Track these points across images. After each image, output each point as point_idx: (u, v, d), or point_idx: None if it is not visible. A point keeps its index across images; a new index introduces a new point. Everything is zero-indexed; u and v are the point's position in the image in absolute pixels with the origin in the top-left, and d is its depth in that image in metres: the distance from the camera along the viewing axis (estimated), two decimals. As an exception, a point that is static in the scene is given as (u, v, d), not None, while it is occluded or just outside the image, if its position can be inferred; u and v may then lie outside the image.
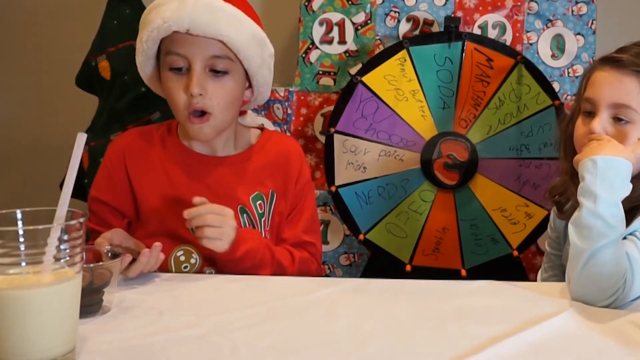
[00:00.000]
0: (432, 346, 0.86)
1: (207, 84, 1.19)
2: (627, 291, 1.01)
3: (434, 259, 1.84)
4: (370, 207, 1.83)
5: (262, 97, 1.34)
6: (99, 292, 0.95)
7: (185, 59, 1.19)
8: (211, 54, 1.18)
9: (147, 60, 1.25)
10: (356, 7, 1.92)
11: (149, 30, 1.19)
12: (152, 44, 1.21)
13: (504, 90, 1.81)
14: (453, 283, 1.13)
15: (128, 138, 1.33)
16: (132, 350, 0.83)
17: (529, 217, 1.80)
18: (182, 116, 1.22)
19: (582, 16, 1.89)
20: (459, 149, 1.82)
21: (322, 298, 1.05)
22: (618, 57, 1.18)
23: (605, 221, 1.02)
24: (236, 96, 1.25)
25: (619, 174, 1.06)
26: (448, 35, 1.81)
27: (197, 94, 1.18)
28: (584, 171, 1.07)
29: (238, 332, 0.89)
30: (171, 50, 1.20)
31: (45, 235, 0.75)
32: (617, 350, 0.85)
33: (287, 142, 1.38)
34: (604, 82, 1.18)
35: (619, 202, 1.05)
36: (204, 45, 1.18)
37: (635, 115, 1.15)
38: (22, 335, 0.74)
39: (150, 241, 1.18)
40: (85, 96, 2.21)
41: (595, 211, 1.03)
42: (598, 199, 1.03)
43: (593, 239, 1.02)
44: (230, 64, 1.21)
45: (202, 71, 1.19)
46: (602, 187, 1.04)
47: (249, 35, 1.20)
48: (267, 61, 1.27)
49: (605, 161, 1.06)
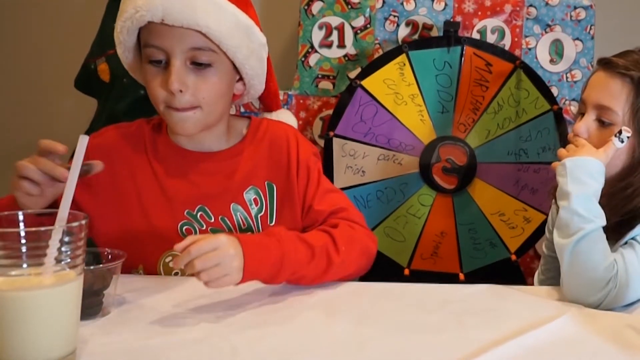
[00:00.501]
0: (431, 350, 0.86)
1: (188, 79, 1.10)
2: (620, 290, 1.04)
3: (433, 263, 1.84)
4: (368, 210, 1.83)
5: (255, 90, 1.25)
6: (99, 294, 0.95)
7: (164, 51, 1.09)
8: (190, 46, 1.09)
9: (127, 52, 1.16)
10: (356, 11, 1.92)
11: (122, 21, 1.10)
12: (128, 35, 1.12)
13: (502, 95, 1.81)
14: (452, 287, 1.13)
15: (108, 136, 1.23)
16: (132, 353, 0.83)
17: (527, 222, 1.80)
18: (161, 109, 1.13)
19: (580, 21, 1.90)
20: (457, 153, 1.83)
21: (321, 301, 1.05)
22: (611, 60, 1.20)
23: (580, 215, 1.07)
24: (223, 90, 1.16)
25: (585, 171, 1.11)
26: (447, 40, 1.82)
27: (177, 90, 1.09)
28: (557, 176, 1.14)
29: (238, 335, 0.89)
30: (148, 43, 1.11)
31: (46, 237, 0.75)
32: (615, 354, 0.85)
33: (277, 128, 1.28)
34: (594, 84, 1.22)
35: (592, 197, 1.09)
36: (182, 36, 1.08)
37: (616, 118, 1.17)
38: (23, 337, 0.74)
39: (137, 243, 1.15)
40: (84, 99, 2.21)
41: (569, 208, 1.08)
42: (570, 195, 1.09)
43: (571, 233, 1.07)
44: (213, 55, 1.12)
45: (182, 65, 1.10)
46: (572, 185, 1.10)
47: (231, 24, 1.11)
48: (257, 51, 1.18)
49: (572, 162, 1.12)
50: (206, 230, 1.19)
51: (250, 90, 1.25)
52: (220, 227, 1.20)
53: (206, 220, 1.20)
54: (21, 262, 0.75)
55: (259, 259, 1.02)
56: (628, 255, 1.08)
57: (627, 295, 1.05)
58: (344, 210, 1.21)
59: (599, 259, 1.06)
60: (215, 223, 1.20)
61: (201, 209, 1.20)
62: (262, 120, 1.30)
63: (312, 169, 1.24)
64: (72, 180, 0.84)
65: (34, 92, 2.52)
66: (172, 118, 1.13)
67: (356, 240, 1.17)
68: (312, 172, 1.24)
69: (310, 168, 1.24)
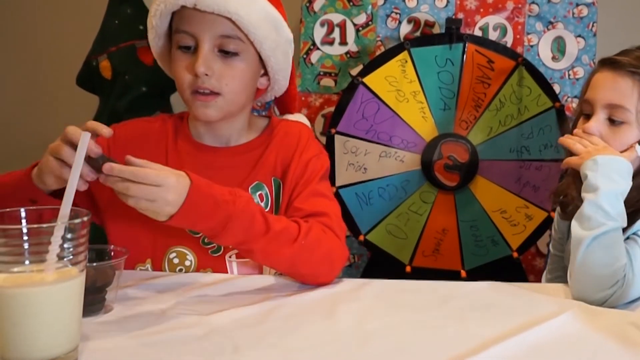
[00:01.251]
0: (433, 347, 0.86)
1: (215, 64, 1.13)
2: (626, 288, 1.04)
3: (434, 260, 1.84)
4: (370, 208, 1.83)
5: (279, 86, 1.26)
6: (101, 291, 0.95)
7: (194, 37, 1.13)
8: (220, 33, 1.13)
9: (158, 38, 1.20)
10: (357, 8, 1.92)
11: (157, 4, 1.15)
12: (161, 20, 1.16)
13: (504, 92, 1.81)
14: (453, 284, 1.13)
15: (132, 126, 1.26)
16: (134, 350, 0.83)
17: (529, 219, 1.80)
18: (186, 94, 1.16)
19: (582, 18, 1.90)
20: (459, 151, 1.83)
21: (322, 298, 1.05)
22: (616, 59, 1.20)
23: (605, 211, 1.07)
24: (247, 80, 1.18)
25: (618, 170, 1.11)
26: (449, 37, 1.81)
27: (203, 74, 1.12)
28: (586, 170, 1.12)
29: (240, 332, 0.89)
30: (179, 28, 1.15)
31: (48, 233, 0.75)
32: (617, 351, 0.85)
33: (292, 126, 1.29)
34: (601, 84, 1.21)
35: (620, 196, 1.09)
36: (213, 23, 1.12)
37: (629, 116, 1.17)
38: (25, 334, 0.74)
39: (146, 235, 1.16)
40: (86, 96, 2.21)
41: (595, 202, 1.08)
42: (599, 190, 1.08)
43: (592, 227, 1.07)
44: (240, 45, 1.15)
45: (210, 51, 1.13)
46: (602, 180, 1.09)
47: (260, 15, 1.14)
48: (283, 46, 1.20)
49: (605, 159, 1.12)
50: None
51: (274, 86, 1.26)
52: None
53: None
54: (23, 258, 0.75)
55: (196, 213, 0.99)
56: (633, 252, 1.07)
57: (631, 293, 1.05)
58: (325, 215, 1.15)
59: (614, 259, 1.05)
60: None
61: None
62: (281, 120, 1.31)
63: (310, 169, 1.21)
64: (74, 176, 0.84)
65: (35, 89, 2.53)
66: (195, 104, 1.15)
67: (322, 244, 1.10)
68: (308, 171, 1.21)
69: (308, 167, 1.21)
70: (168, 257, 1.18)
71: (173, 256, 1.18)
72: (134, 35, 2.12)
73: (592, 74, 1.26)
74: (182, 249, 1.18)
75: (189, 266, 1.18)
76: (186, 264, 1.18)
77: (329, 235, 1.12)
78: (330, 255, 1.12)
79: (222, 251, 1.19)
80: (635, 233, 1.11)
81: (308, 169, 1.21)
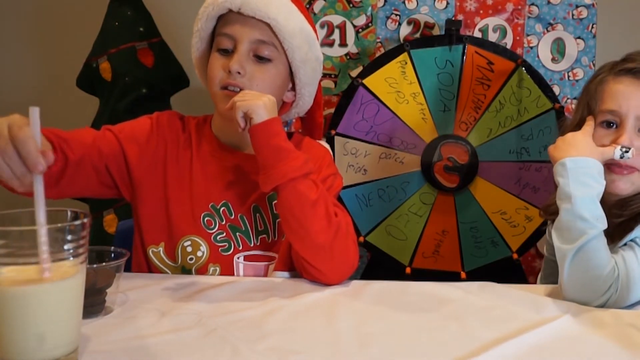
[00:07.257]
0: (433, 348, 0.86)
1: (248, 65, 1.20)
2: (621, 293, 1.03)
3: (434, 262, 1.84)
4: (370, 209, 1.84)
5: (304, 102, 1.32)
6: (101, 292, 0.95)
7: (233, 40, 1.20)
8: (257, 37, 1.20)
9: (200, 41, 1.27)
10: (357, 10, 1.92)
11: (204, 7, 1.22)
12: (206, 23, 1.24)
13: (504, 94, 1.81)
14: (453, 285, 1.13)
15: (168, 117, 1.30)
16: (134, 351, 0.83)
17: (529, 220, 1.80)
18: (215, 89, 1.21)
19: (582, 20, 1.90)
20: (459, 152, 1.83)
21: (322, 299, 1.05)
22: (634, 67, 1.16)
23: (583, 219, 1.05)
24: (277, 87, 1.24)
25: (589, 174, 1.08)
26: (449, 39, 1.82)
27: (235, 71, 1.18)
28: (557, 176, 1.11)
29: (239, 333, 0.89)
30: (221, 32, 1.22)
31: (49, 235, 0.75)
32: (617, 352, 0.85)
33: (316, 146, 1.34)
34: (629, 94, 1.15)
35: (595, 199, 1.07)
36: (253, 27, 1.20)
37: None
38: (25, 335, 0.74)
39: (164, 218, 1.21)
40: (86, 97, 2.22)
41: (572, 210, 1.06)
42: (572, 197, 1.06)
43: (573, 239, 1.05)
44: (274, 52, 1.22)
45: (246, 53, 1.20)
46: (574, 186, 1.07)
47: (296, 26, 1.22)
48: (313, 62, 1.27)
49: (573, 162, 1.09)
50: (225, 226, 1.22)
51: (299, 102, 1.32)
52: (239, 225, 1.23)
53: (227, 216, 1.23)
54: (23, 260, 0.75)
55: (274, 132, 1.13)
56: (628, 258, 1.06)
57: (628, 298, 1.04)
58: (337, 206, 1.19)
59: (601, 265, 1.03)
60: (234, 220, 1.23)
61: (225, 205, 1.23)
62: (305, 137, 1.36)
63: (329, 183, 1.25)
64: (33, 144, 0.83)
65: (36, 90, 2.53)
66: (222, 98, 1.20)
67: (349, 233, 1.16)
68: (326, 184, 1.23)
69: (326, 182, 1.24)
70: (182, 245, 1.21)
71: (187, 244, 1.21)
72: (134, 37, 2.12)
73: (601, 83, 1.20)
74: (198, 239, 1.21)
75: (200, 257, 1.21)
76: (198, 254, 1.21)
77: (351, 232, 1.17)
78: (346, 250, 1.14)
79: (232, 251, 1.22)
80: (633, 240, 1.09)
81: (326, 183, 1.25)
